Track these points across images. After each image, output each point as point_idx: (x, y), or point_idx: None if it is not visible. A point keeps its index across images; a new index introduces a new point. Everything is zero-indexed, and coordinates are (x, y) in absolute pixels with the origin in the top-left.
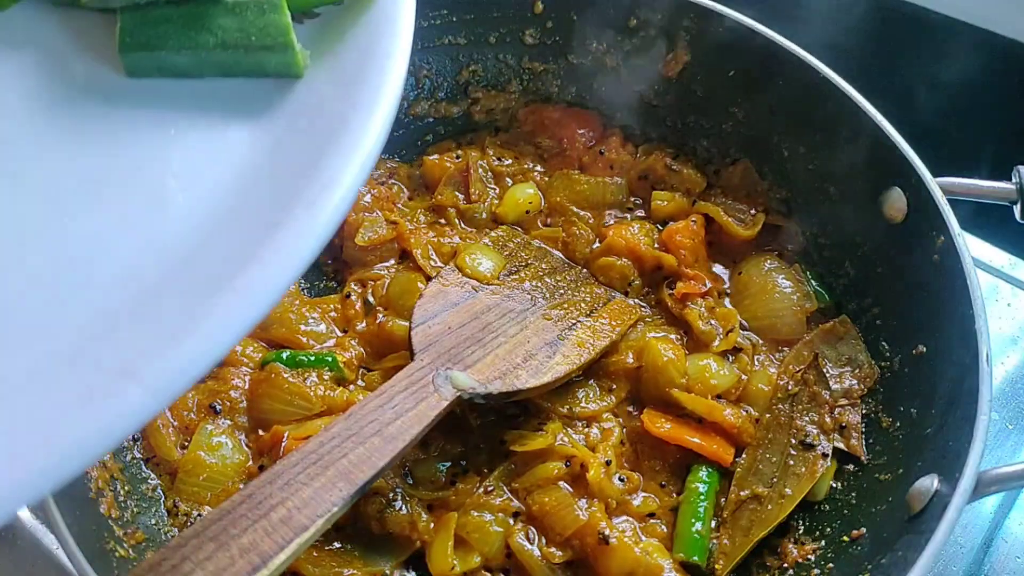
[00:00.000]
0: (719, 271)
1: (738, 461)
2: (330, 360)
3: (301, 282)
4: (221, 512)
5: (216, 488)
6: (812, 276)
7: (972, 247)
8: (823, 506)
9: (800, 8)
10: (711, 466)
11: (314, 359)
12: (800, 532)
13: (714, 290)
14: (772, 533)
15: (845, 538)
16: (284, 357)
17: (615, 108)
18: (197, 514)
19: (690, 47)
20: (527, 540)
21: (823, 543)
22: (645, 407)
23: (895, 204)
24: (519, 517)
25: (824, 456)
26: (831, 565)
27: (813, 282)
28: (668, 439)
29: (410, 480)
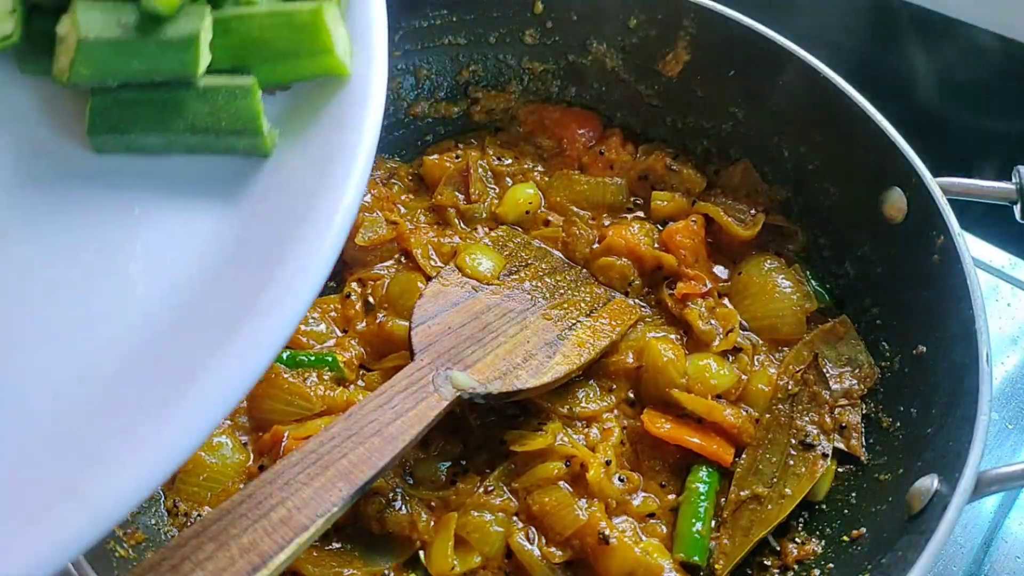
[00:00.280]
0: (719, 271)
1: (738, 461)
2: (330, 360)
3: None
4: (221, 512)
5: (216, 488)
6: (812, 276)
7: (972, 247)
8: (823, 506)
9: (800, 8)
10: (711, 466)
11: (314, 359)
12: (800, 532)
13: (714, 290)
14: (772, 533)
15: (845, 538)
16: (284, 357)
17: (615, 108)
18: (197, 514)
19: (690, 47)
20: (527, 540)
21: (823, 543)
22: (645, 407)
23: (895, 204)
24: (519, 517)
25: (824, 456)
26: (831, 565)
27: (813, 282)
28: (668, 439)
29: (410, 480)
